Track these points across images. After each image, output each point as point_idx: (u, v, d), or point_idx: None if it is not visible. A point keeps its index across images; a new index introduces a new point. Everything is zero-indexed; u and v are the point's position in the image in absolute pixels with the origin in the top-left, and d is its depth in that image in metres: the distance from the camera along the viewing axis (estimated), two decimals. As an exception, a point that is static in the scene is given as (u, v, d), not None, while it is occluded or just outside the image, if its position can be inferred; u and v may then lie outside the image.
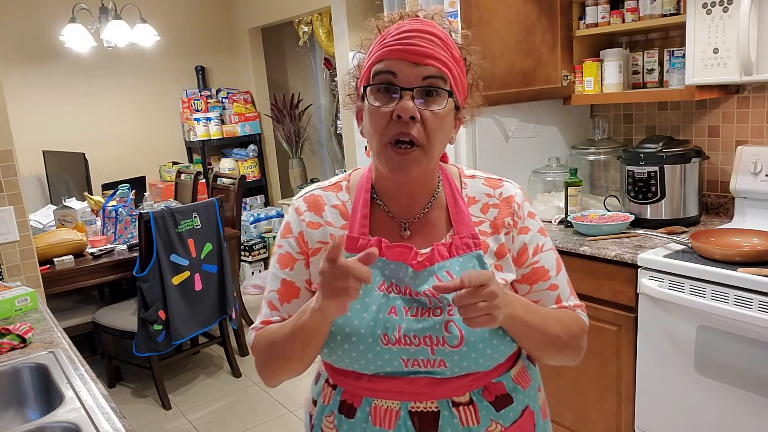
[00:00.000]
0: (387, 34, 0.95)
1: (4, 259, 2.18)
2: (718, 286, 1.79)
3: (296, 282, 1.03)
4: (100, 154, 4.68)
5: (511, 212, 1.04)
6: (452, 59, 0.94)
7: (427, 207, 1.03)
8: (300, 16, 4.74)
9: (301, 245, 1.03)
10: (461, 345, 0.93)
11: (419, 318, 0.95)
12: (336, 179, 1.09)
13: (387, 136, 0.92)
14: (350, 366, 0.97)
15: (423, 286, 0.96)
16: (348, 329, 0.95)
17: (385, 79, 0.92)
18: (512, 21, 2.39)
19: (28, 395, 1.50)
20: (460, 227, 1.01)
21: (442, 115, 0.93)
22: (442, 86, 0.93)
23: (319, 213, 1.04)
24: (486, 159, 2.47)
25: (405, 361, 0.94)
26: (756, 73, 1.93)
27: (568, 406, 2.36)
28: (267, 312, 1.05)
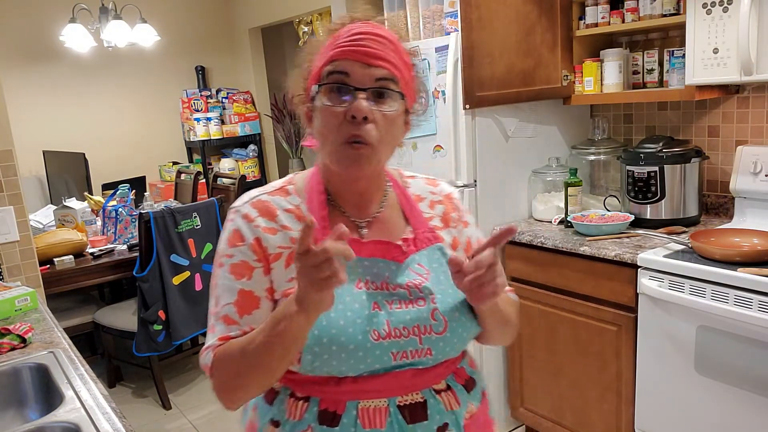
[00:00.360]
0: (339, 36, 0.96)
1: (4, 259, 2.18)
2: (718, 286, 1.79)
3: (256, 291, 0.97)
4: (100, 154, 4.69)
5: (455, 207, 1.11)
6: (402, 62, 0.97)
7: (380, 206, 1.05)
8: (300, 16, 4.74)
9: (258, 252, 0.98)
10: (446, 330, 0.97)
11: (406, 309, 0.96)
12: (278, 184, 1.06)
13: (341, 136, 0.93)
14: (336, 369, 0.93)
15: (403, 279, 0.99)
16: (335, 330, 0.92)
17: (338, 79, 0.93)
18: (512, 21, 2.39)
19: (28, 395, 1.50)
20: (416, 223, 1.05)
21: (392, 117, 0.95)
22: (393, 88, 0.95)
23: (273, 218, 1.00)
24: (486, 159, 2.47)
25: (394, 354, 0.95)
26: (756, 73, 1.93)
27: (568, 406, 2.36)
28: (223, 328, 0.96)
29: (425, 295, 0.98)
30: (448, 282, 0.99)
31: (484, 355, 2.57)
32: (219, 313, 0.98)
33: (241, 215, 1.00)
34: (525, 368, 2.52)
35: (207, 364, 0.96)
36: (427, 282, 0.99)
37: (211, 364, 0.95)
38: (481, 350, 2.56)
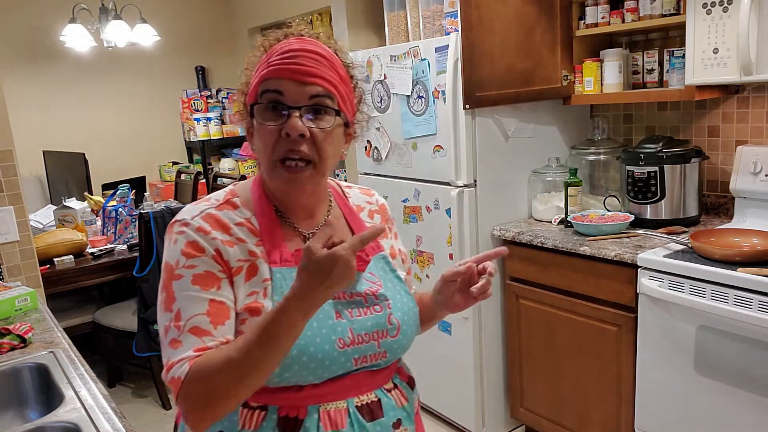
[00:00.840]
0: (273, 53, 0.96)
1: (4, 259, 2.18)
2: (717, 286, 1.79)
3: (226, 301, 0.94)
4: (100, 154, 4.68)
5: (387, 218, 1.18)
6: (338, 77, 0.97)
7: (325, 217, 1.08)
8: (300, 16, 4.74)
9: (221, 264, 0.95)
10: (398, 333, 1.03)
11: (366, 316, 1.00)
12: (222, 197, 1.03)
13: (277, 153, 0.94)
14: (303, 379, 0.94)
15: (360, 287, 1.03)
16: (303, 341, 0.92)
17: (273, 97, 0.94)
18: (512, 21, 2.39)
19: (28, 395, 1.50)
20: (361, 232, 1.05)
21: (330, 132, 0.96)
22: (329, 105, 0.95)
23: (228, 231, 0.98)
24: (486, 159, 2.47)
25: (356, 359, 0.99)
26: (756, 73, 1.93)
27: (568, 406, 2.36)
28: (195, 340, 0.90)
29: (380, 301, 1.03)
30: (395, 288, 1.07)
31: (484, 355, 2.57)
32: (185, 325, 0.91)
33: (194, 228, 0.96)
34: (525, 368, 2.52)
35: (179, 377, 0.88)
36: (382, 289, 1.04)
37: (185, 377, 0.88)
38: (481, 350, 2.57)
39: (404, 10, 2.76)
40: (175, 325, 0.92)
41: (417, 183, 2.67)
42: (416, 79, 2.54)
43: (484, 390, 2.61)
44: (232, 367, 0.86)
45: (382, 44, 3.25)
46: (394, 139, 2.75)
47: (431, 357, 2.73)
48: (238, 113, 1.05)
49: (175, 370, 0.89)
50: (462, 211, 2.48)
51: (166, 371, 0.91)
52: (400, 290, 1.07)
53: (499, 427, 2.69)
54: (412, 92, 2.57)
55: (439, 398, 2.80)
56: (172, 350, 0.91)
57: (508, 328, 2.57)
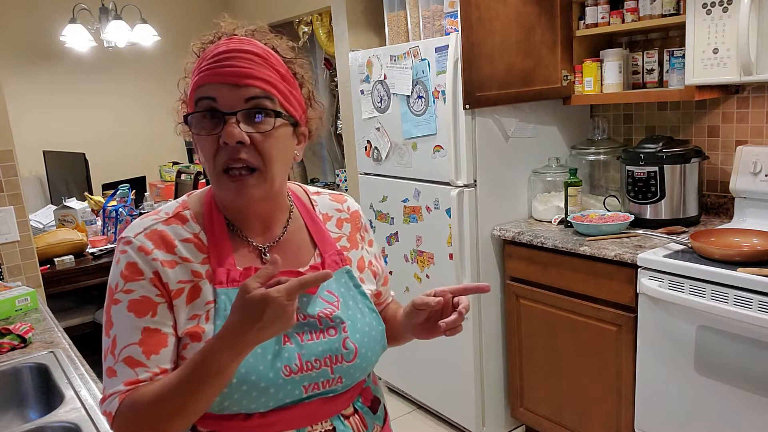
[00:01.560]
0: (204, 57, 0.90)
1: (4, 259, 2.18)
2: (717, 286, 1.79)
3: (162, 328, 0.89)
4: (100, 154, 4.68)
5: (360, 227, 1.09)
6: (278, 76, 0.90)
7: (284, 229, 1.00)
8: (300, 16, 4.74)
9: (159, 287, 0.89)
10: (355, 358, 0.95)
11: (317, 341, 0.93)
12: (172, 209, 0.96)
13: (218, 164, 0.88)
14: (246, 407, 0.89)
15: (313, 308, 0.95)
16: (244, 369, 0.86)
17: (207, 105, 0.87)
18: (512, 21, 2.39)
19: (28, 395, 1.51)
20: (324, 246, 1.01)
21: (272, 135, 0.88)
22: (268, 106, 0.88)
23: (171, 250, 0.91)
24: (486, 159, 2.47)
25: (306, 387, 0.92)
26: (756, 73, 1.93)
27: (568, 406, 2.36)
28: (127, 372, 0.87)
29: (336, 324, 0.95)
30: (357, 307, 0.99)
31: (484, 355, 2.57)
32: (120, 354, 0.88)
33: (135, 248, 0.90)
34: (525, 368, 2.52)
35: (110, 412, 0.87)
36: (337, 311, 0.96)
37: (117, 412, 0.86)
38: (481, 350, 2.57)
39: (404, 10, 2.76)
40: (111, 353, 0.89)
41: (417, 183, 2.67)
42: (416, 79, 2.54)
43: (484, 390, 2.61)
44: (160, 406, 0.84)
45: (382, 44, 3.25)
46: (394, 139, 2.75)
47: (431, 357, 2.73)
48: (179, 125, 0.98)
49: (107, 405, 0.88)
50: (462, 211, 2.48)
51: (100, 402, 0.90)
52: (363, 308, 0.99)
53: (499, 426, 2.69)
54: (412, 92, 2.57)
55: (439, 398, 2.80)
56: (107, 380, 0.89)
57: (508, 328, 2.57)
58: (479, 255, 2.52)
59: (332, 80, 5.33)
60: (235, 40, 0.92)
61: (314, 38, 5.10)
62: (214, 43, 0.93)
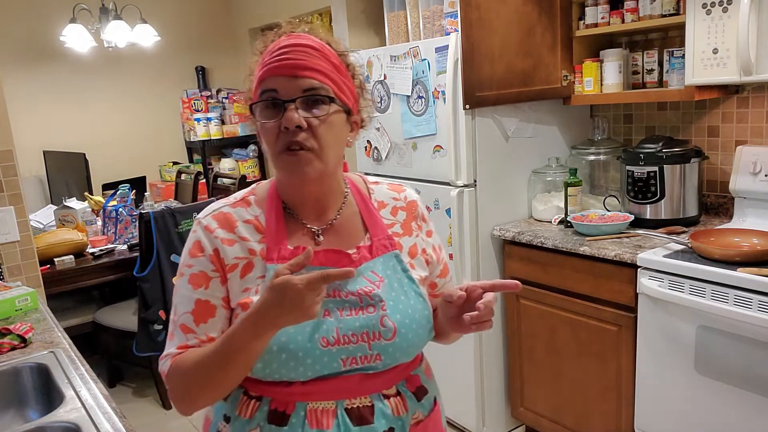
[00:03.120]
0: (266, 53, 1.00)
1: (4, 259, 2.18)
2: (717, 286, 1.79)
3: (212, 300, 1.01)
4: (100, 154, 4.69)
5: (416, 216, 1.14)
6: (331, 66, 0.99)
7: (338, 213, 1.07)
8: (300, 16, 4.74)
9: (216, 263, 1.01)
10: (394, 337, 1.00)
11: (355, 316, 0.99)
12: (241, 195, 1.09)
13: (278, 146, 0.97)
14: (286, 375, 0.97)
15: (354, 286, 1.01)
16: (284, 338, 0.94)
17: (268, 95, 0.97)
18: (512, 21, 2.39)
19: (28, 395, 1.50)
20: (375, 230, 1.07)
21: (327, 120, 0.97)
22: (323, 94, 0.97)
23: (232, 230, 1.03)
24: (486, 159, 2.47)
25: (344, 360, 0.98)
26: (755, 73, 1.93)
27: (568, 406, 2.36)
28: (181, 337, 1.00)
29: (375, 302, 1.00)
30: (402, 289, 1.04)
31: (484, 355, 2.57)
32: (177, 321, 1.01)
33: (203, 227, 1.03)
34: (525, 368, 2.52)
35: (164, 372, 1.01)
36: (378, 290, 1.01)
37: (167, 372, 1.00)
38: (481, 349, 2.57)
39: (404, 10, 2.76)
40: (173, 319, 1.03)
41: (417, 183, 2.67)
42: (416, 79, 2.54)
43: (484, 390, 2.61)
44: (197, 373, 0.96)
45: (382, 44, 3.25)
46: (394, 139, 2.75)
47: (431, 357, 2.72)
48: (247, 118, 1.08)
49: (162, 365, 1.02)
50: (462, 211, 2.48)
51: (159, 360, 1.04)
52: (409, 291, 1.04)
53: (499, 426, 2.69)
54: (412, 92, 2.57)
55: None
56: (168, 341, 1.03)
57: (508, 328, 2.57)
58: (479, 255, 2.52)
59: (332, 80, 5.34)
60: (293, 36, 1.01)
61: (314, 38, 5.10)
62: (274, 42, 1.02)
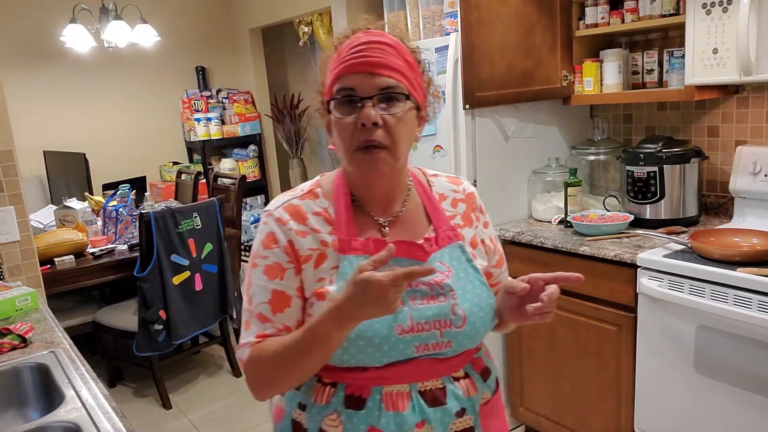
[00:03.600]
0: (342, 50, 1.02)
1: (4, 259, 2.18)
2: (717, 285, 1.79)
3: (287, 291, 1.04)
4: (100, 154, 4.68)
5: (474, 207, 1.18)
6: (406, 64, 1.02)
7: (402, 206, 1.11)
8: (300, 16, 4.74)
9: (290, 254, 1.04)
10: (464, 325, 1.04)
11: (427, 305, 1.03)
12: (307, 187, 1.12)
13: (354, 143, 1.00)
14: (363, 361, 1.01)
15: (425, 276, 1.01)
16: (362, 326, 0.98)
17: (347, 92, 1.00)
18: (512, 21, 2.39)
19: (28, 395, 1.51)
20: (439, 222, 1.11)
21: (402, 117, 1.00)
22: (399, 91, 1.00)
23: (304, 222, 1.06)
24: (486, 159, 2.47)
25: (417, 347, 1.02)
26: (755, 73, 1.93)
27: (568, 406, 2.36)
28: (259, 326, 1.04)
29: (446, 291, 1.04)
30: (468, 279, 1.07)
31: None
32: (253, 311, 1.05)
33: (275, 219, 1.07)
34: (525, 368, 2.52)
35: (243, 359, 1.04)
36: (447, 279, 1.05)
37: (246, 360, 1.03)
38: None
39: (404, 10, 2.76)
40: (247, 309, 1.06)
41: (417, 183, 2.67)
42: (416, 80, 2.54)
43: (484, 390, 2.61)
44: (277, 362, 1.00)
45: (382, 44, 3.24)
46: (394, 139, 2.75)
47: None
48: (317, 111, 1.10)
49: (240, 352, 1.05)
50: (462, 211, 2.47)
51: (237, 348, 1.07)
52: (474, 281, 1.08)
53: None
54: (412, 92, 2.57)
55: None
56: (243, 330, 1.06)
57: (508, 328, 2.57)
58: (479, 255, 2.52)
59: (332, 80, 5.34)
60: (369, 33, 1.03)
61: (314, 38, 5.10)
62: (350, 38, 1.03)
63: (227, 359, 3.54)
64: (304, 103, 5.38)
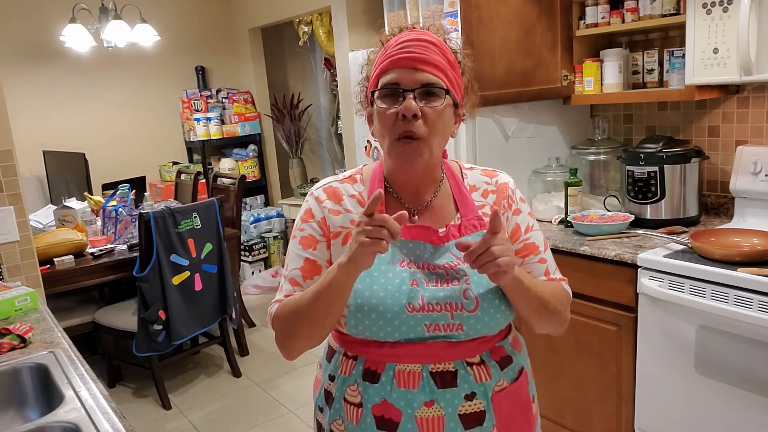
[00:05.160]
0: (389, 46, 1.10)
1: (4, 259, 2.18)
2: (717, 286, 1.79)
3: (318, 260, 1.14)
4: (100, 154, 4.68)
5: (506, 196, 1.20)
6: (447, 62, 1.09)
7: (433, 195, 1.17)
8: (300, 16, 4.74)
9: (324, 229, 1.15)
10: (476, 309, 1.08)
11: (440, 287, 1.08)
12: (350, 173, 1.22)
13: (395, 133, 1.07)
14: (375, 335, 1.07)
15: (441, 260, 1.10)
16: (375, 300, 1.06)
17: (391, 85, 1.07)
18: (512, 21, 2.39)
19: (28, 395, 1.50)
20: (466, 211, 1.16)
21: (440, 111, 1.07)
22: (439, 86, 1.06)
23: (339, 202, 1.16)
24: (486, 159, 2.47)
25: (427, 326, 1.07)
26: (756, 73, 1.93)
27: (568, 406, 2.36)
28: (289, 288, 1.14)
29: (460, 276, 1.09)
30: None
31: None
32: (288, 275, 1.16)
33: (314, 197, 1.18)
34: (525, 368, 2.51)
35: (271, 314, 1.14)
36: (462, 264, 1.09)
37: (274, 315, 1.13)
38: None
39: (404, 9, 2.76)
40: (283, 274, 1.18)
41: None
42: (416, 79, 2.54)
43: (484, 390, 2.61)
44: (301, 310, 1.08)
45: (382, 44, 3.24)
46: (394, 139, 2.74)
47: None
48: (360, 104, 1.20)
49: (270, 308, 1.16)
50: (462, 211, 2.48)
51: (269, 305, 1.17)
52: None
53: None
54: (412, 92, 2.57)
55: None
56: (277, 293, 1.17)
57: (508, 328, 2.57)
58: (479, 255, 2.51)
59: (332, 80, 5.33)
60: (414, 31, 1.11)
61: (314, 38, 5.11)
62: (396, 35, 1.11)
63: (227, 359, 3.54)
64: (304, 102, 5.38)
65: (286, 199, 5.31)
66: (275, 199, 5.51)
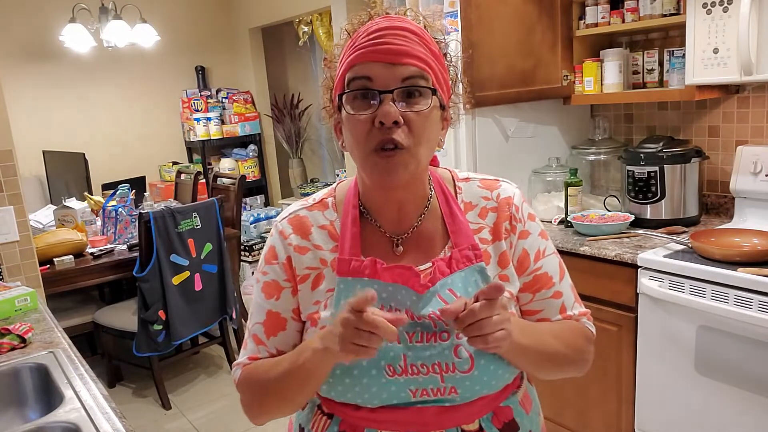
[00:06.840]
0: (357, 37, 0.87)
1: (4, 259, 2.18)
2: (718, 286, 1.79)
3: (282, 313, 0.96)
4: (100, 154, 4.69)
5: (509, 216, 0.96)
6: (431, 55, 0.88)
7: (419, 218, 0.95)
8: (300, 16, 4.74)
9: (288, 272, 0.95)
10: (472, 369, 0.87)
11: (426, 344, 0.87)
12: (321, 196, 1.00)
13: (370, 144, 0.85)
14: (352, 399, 0.89)
15: (426, 309, 0.88)
16: (347, 363, 0.86)
17: (361, 84, 0.85)
18: (512, 21, 2.39)
19: (28, 395, 1.50)
20: (458, 238, 0.93)
21: (426, 115, 0.86)
22: (424, 84, 0.86)
23: (306, 236, 0.95)
24: (486, 159, 2.47)
25: (413, 391, 0.88)
26: (756, 73, 1.93)
27: (568, 407, 2.36)
28: (253, 347, 0.97)
29: (450, 328, 0.87)
30: None
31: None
32: (251, 329, 0.99)
33: (278, 231, 0.98)
34: (525, 368, 2.51)
35: (235, 379, 0.99)
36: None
37: (237, 381, 0.98)
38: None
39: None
40: (247, 326, 1.01)
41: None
42: (416, 79, 2.54)
43: (484, 390, 2.60)
44: (269, 384, 0.93)
45: (382, 44, 3.24)
46: (394, 139, 2.74)
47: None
48: (325, 110, 0.97)
49: (233, 372, 1.00)
50: (462, 211, 2.47)
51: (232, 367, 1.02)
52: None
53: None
54: (412, 92, 2.57)
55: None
56: (242, 349, 1.01)
57: (508, 328, 2.56)
58: (479, 255, 2.51)
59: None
60: (388, 18, 0.89)
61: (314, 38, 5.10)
62: (366, 23, 0.89)
63: (227, 359, 3.53)
64: (304, 102, 5.38)
65: (286, 199, 5.31)
66: (275, 199, 5.51)
